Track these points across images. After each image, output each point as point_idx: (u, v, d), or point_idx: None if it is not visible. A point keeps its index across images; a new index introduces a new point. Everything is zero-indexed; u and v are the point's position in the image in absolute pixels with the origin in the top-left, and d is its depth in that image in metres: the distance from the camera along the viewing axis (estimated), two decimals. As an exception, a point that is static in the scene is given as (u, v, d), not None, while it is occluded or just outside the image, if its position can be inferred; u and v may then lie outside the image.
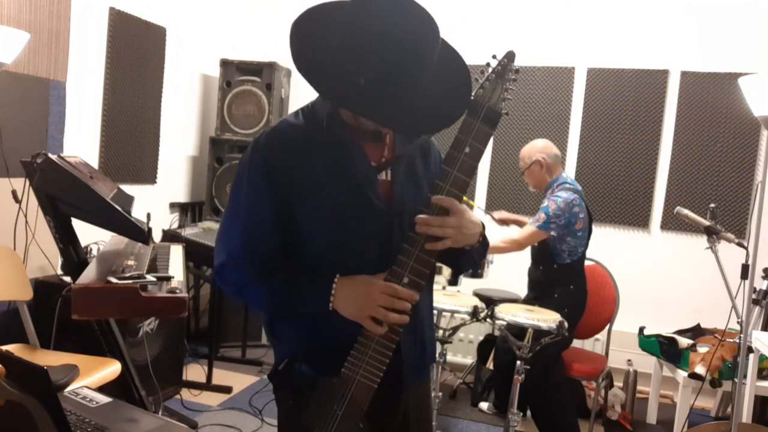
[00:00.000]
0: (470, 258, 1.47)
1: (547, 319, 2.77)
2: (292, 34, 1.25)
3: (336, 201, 1.32)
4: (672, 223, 4.12)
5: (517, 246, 3.23)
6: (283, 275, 1.34)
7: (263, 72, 4.28)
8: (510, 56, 1.30)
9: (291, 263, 1.35)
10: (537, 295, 3.29)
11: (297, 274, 1.34)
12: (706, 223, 2.82)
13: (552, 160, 3.35)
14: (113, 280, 2.18)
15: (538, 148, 3.38)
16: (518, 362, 2.82)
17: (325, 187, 1.32)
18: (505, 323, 2.85)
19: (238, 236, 1.35)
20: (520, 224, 3.46)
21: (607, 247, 4.09)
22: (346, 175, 1.33)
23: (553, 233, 3.17)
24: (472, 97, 1.29)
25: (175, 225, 4.15)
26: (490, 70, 1.30)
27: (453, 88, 1.30)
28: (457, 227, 1.29)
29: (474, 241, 1.36)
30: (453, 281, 3.30)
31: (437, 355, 3.04)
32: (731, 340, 3.25)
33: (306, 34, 1.26)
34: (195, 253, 3.56)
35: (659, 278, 4.15)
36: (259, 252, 1.33)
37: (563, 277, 3.25)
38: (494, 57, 1.31)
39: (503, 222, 3.52)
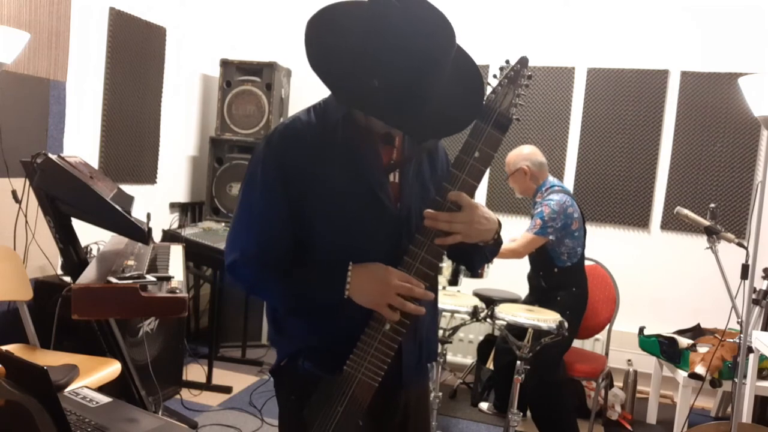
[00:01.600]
0: (483, 255, 1.47)
1: (547, 319, 2.77)
2: (307, 34, 1.24)
3: (347, 202, 1.33)
4: (672, 223, 4.12)
5: (515, 255, 3.21)
6: (297, 268, 1.34)
7: (263, 72, 4.27)
8: (523, 62, 1.30)
9: (303, 258, 1.36)
10: (538, 299, 3.28)
11: (310, 266, 1.35)
12: (706, 223, 2.82)
13: (537, 168, 3.33)
14: (113, 280, 2.18)
15: (523, 155, 3.36)
16: (518, 362, 2.82)
17: (336, 187, 1.32)
18: (505, 323, 2.85)
19: (251, 235, 1.35)
20: None
21: (607, 247, 4.09)
22: (358, 176, 1.34)
23: (551, 237, 3.16)
24: (484, 102, 1.29)
25: (175, 225, 4.15)
26: (502, 75, 1.30)
27: (466, 94, 1.30)
28: (467, 222, 1.29)
29: (489, 237, 1.37)
30: (453, 281, 3.30)
31: (437, 355, 3.04)
32: (731, 340, 3.25)
33: (321, 35, 1.25)
34: (195, 253, 3.55)
35: (659, 278, 4.15)
36: (273, 251, 1.34)
37: (565, 281, 3.25)
38: (507, 62, 1.31)
39: None
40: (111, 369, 2.55)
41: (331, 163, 1.33)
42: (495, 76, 1.31)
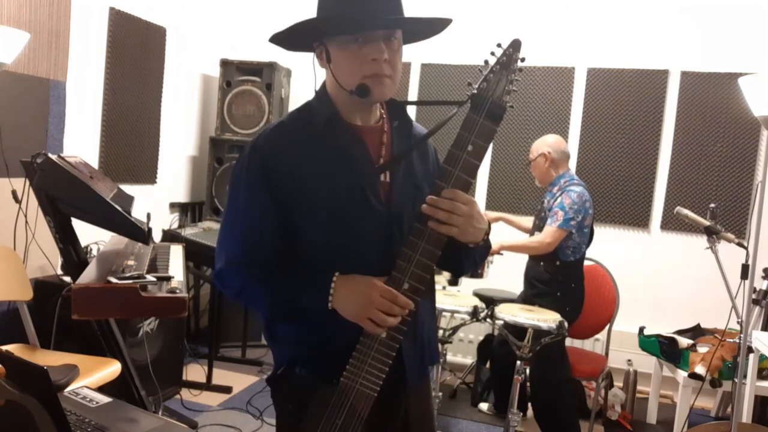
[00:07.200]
0: (472, 258, 1.44)
1: (547, 319, 2.77)
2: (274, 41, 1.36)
3: (336, 203, 1.30)
4: (672, 223, 4.12)
5: (546, 246, 3.18)
6: (283, 275, 1.32)
7: (263, 72, 4.28)
8: (515, 45, 1.24)
9: (291, 264, 1.34)
10: (536, 293, 3.27)
11: (297, 273, 1.33)
12: (706, 223, 2.82)
13: (558, 156, 3.33)
14: (113, 280, 2.18)
15: (547, 142, 3.37)
16: (518, 362, 2.82)
17: (325, 189, 1.30)
18: (502, 324, 2.86)
19: (236, 240, 1.33)
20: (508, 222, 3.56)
21: (607, 247, 4.09)
22: (347, 177, 1.32)
23: (573, 231, 3.17)
24: (475, 91, 1.24)
25: (175, 225, 4.15)
26: (494, 60, 1.24)
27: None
28: (467, 216, 1.24)
29: (479, 238, 1.32)
30: (453, 281, 3.30)
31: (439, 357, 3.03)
32: (731, 340, 3.24)
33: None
34: (195, 253, 3.56)
35: (659, 278, 4.15)
36: (258, 255, 1.32)
37: (565, 275, 3.24)
38: (499, 46, 1.25)
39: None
40: (111, 369, 2.55)
41: (319, 165, 1.31)
42: (486, 62, 1.24)
